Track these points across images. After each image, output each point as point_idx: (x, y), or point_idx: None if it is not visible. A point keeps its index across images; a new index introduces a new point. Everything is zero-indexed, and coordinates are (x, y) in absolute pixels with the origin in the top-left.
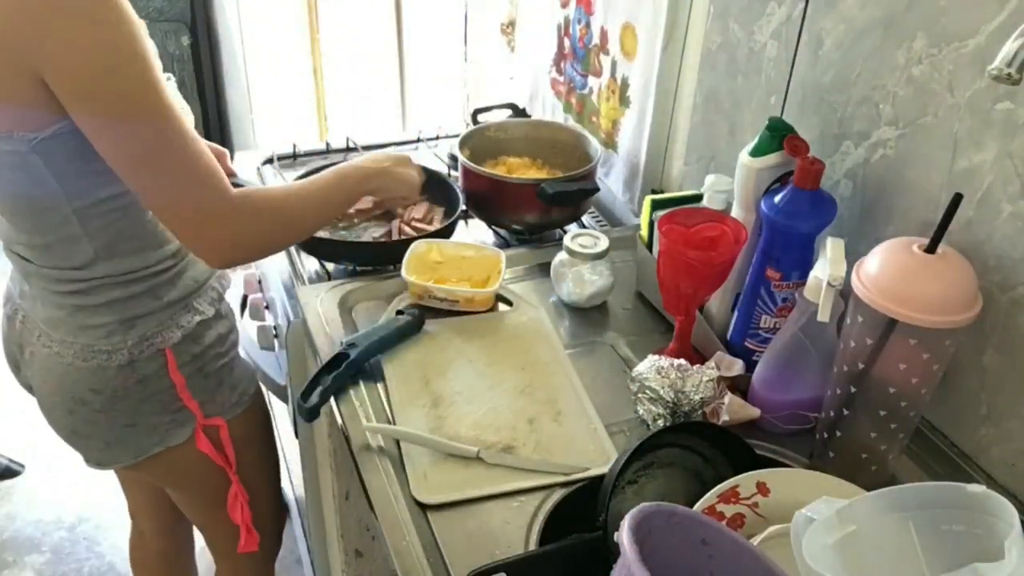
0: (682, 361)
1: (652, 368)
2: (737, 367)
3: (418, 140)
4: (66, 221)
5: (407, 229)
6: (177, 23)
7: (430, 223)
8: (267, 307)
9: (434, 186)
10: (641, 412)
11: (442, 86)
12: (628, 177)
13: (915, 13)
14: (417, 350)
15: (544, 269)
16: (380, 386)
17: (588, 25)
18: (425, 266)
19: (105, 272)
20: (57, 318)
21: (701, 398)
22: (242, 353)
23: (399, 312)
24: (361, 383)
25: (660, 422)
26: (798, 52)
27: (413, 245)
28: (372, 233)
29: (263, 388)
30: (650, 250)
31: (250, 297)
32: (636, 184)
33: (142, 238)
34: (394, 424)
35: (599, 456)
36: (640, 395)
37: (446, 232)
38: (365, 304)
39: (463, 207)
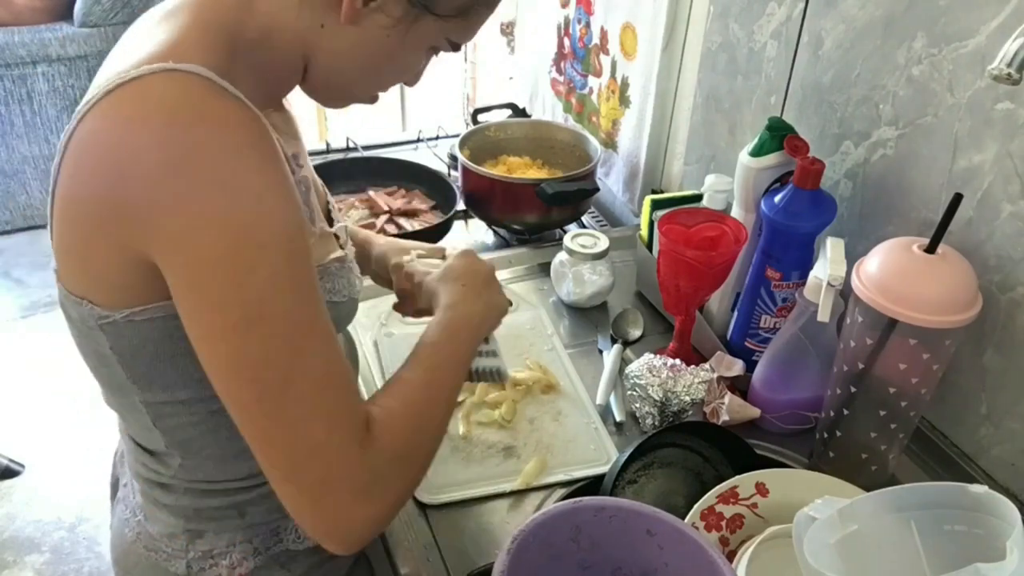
0: (676, 361)
1: (644, 366)
2: (737, 367)
3: (418, 140)
4: (134, 408)
5: (401, 222)
6: None
7: (414, 214)
8: None
9: (432, 184)
10: (635, 409)
11: (442, 86)
12: (628, 177)
13: (915, 13)
14: None
15: (544, 269)
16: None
17: (588, 25)
18: None
19: (179, 474)
20: (136, 484)
21: (691, 399)
22: None
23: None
24: (360, 383)
25: (649, 420)
26: (798, 52)
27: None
28: (353, 215)
29: None
30: (650, 250)
31: None
32: (636, 184)
33: (230, 447)
34: None
35: (599, 456)
36: (631, 393)
37: (442, 229)
38: (364, 303)
39: (462, 207)
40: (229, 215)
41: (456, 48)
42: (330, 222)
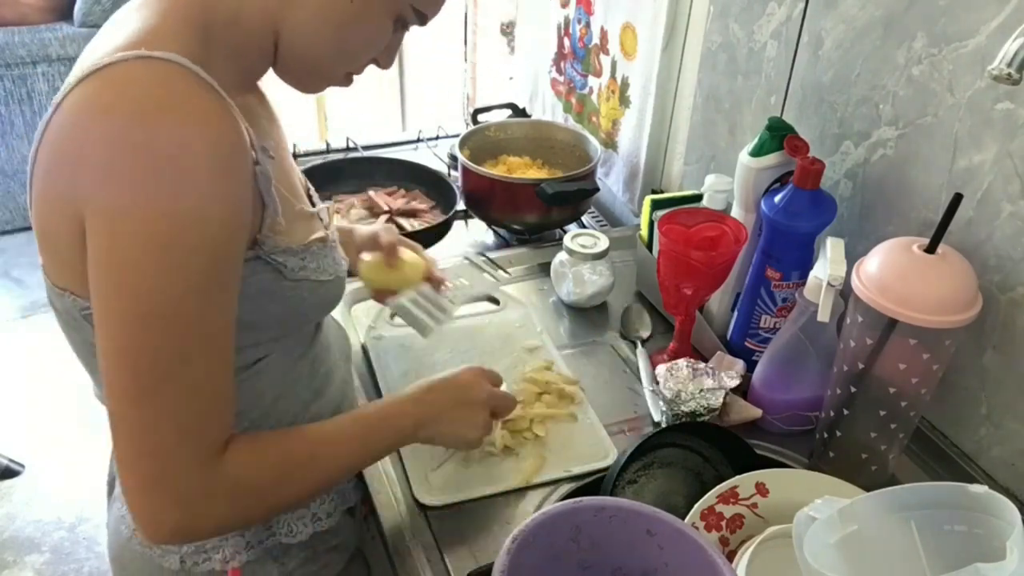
0: (701, 364)
1: (667, 369)
2: (737, 367)
3: (418, 140)
4: None
5: (401, 222)
6: None
7: (414, 214)
8: None
9: (432, 185)
10: (654, 411)
11: (442, 86)
12: (628, 177)
13: (915, 13)
14: (406, 355)
15: (544, 269)
16: (378, 393)
17: (588, 25)
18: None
19: None
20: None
21: (708, 406)
22: None
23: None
24: (354, 375)
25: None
26: (798, 52)
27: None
28: (353, 215)
29: None
30: (650, 250)
31: None
32: (636, 184)
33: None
34: None
35: (599, 455)
36: (651, 391)
37: (442, 229)
38: (365, 304)
39: (462, 207)
40: (170, 207)
41: (423, 20)
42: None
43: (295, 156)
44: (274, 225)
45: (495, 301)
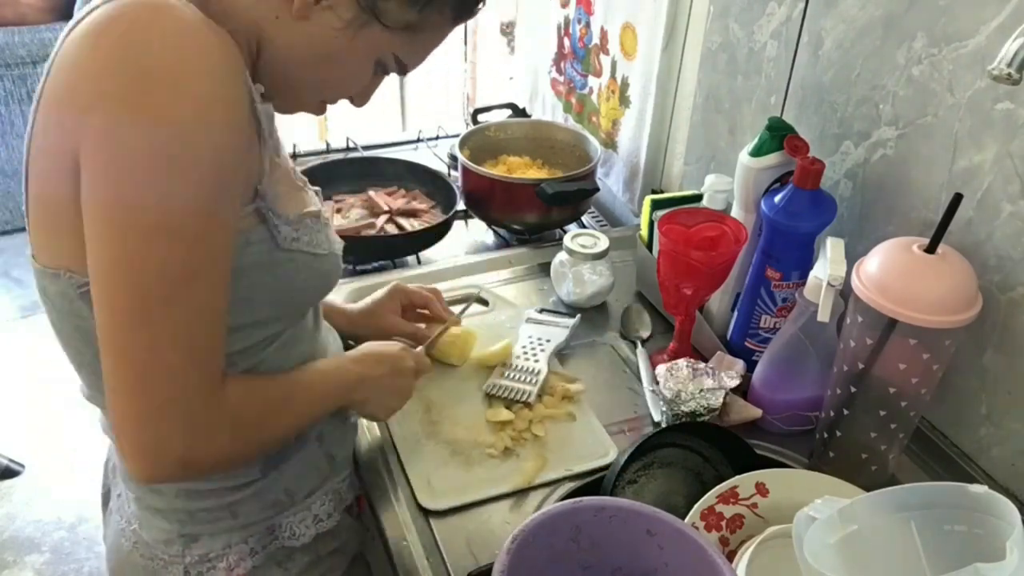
0: (701, 364)
1: (668, 370)
2: (737, 367)
3: (418, 140)
4: None
5: (401, 222)
6: None
7: (414, 214)
8: None
9: (432, 185)
10: (654, 411)
11: (442, 86)
12: (628, 177)
13: (915, 13)
14: None
15: (544, 269)
16: None
17: (588, 25)
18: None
19: None
20: (130, 492)
21: (708, 406)
22: None
23: None
24: None
25: (665, 424)
26: (798, 52)
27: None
28: (353, 215)
29: None
30: (650, 250)
31: None
32: (636, 184)
33: None
34: (390, 434)
35: (599, 456)
36: (652, 392)
37: (442, 229)
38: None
39: (462, 207)
40: (169, 114)
41: (403, 70)
42: None
43: (294, 156)
44: (273, 172)
45: (484, 302)
